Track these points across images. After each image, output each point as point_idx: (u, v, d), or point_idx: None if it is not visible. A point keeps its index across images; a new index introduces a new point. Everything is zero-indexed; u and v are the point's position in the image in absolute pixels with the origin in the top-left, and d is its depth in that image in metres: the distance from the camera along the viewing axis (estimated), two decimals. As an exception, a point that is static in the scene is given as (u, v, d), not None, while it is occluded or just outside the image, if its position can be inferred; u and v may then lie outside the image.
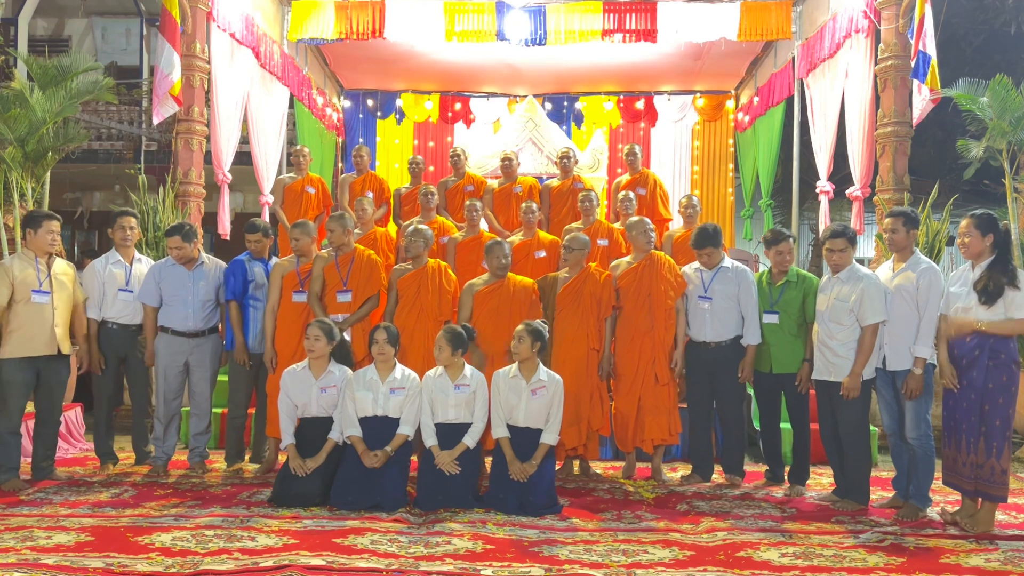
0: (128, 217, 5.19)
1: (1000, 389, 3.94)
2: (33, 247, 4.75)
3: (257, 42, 7.48)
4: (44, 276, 4.73)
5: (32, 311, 4.66)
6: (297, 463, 4.37)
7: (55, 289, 4.76)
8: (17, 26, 11.70)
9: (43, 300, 4.70)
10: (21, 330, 4.64)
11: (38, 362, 4.70)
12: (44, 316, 4.70)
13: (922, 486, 4.30)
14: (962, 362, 4.02)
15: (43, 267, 4.75)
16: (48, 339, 4.71)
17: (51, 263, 4.81)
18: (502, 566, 3.36)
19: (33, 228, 4.74)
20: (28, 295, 4.65)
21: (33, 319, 4.66)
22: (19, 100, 6.01)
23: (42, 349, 4.70)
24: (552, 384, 4.51)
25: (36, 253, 4.75)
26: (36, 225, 4.73)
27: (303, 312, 5.08)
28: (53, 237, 4.75)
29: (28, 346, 4.66)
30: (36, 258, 4.74)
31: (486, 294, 5.03)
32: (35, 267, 4.71)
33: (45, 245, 4.73)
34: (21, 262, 4.73)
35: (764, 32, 7.86)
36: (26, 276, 4.67)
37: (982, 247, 4.04)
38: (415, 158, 7.77)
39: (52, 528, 3.81)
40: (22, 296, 4.64)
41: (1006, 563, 3.52)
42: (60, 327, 4.77)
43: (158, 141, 11.71)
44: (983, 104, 6.25)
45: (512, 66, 9.69)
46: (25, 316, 4.64)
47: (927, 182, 7.42)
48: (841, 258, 4.45)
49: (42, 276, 4.72)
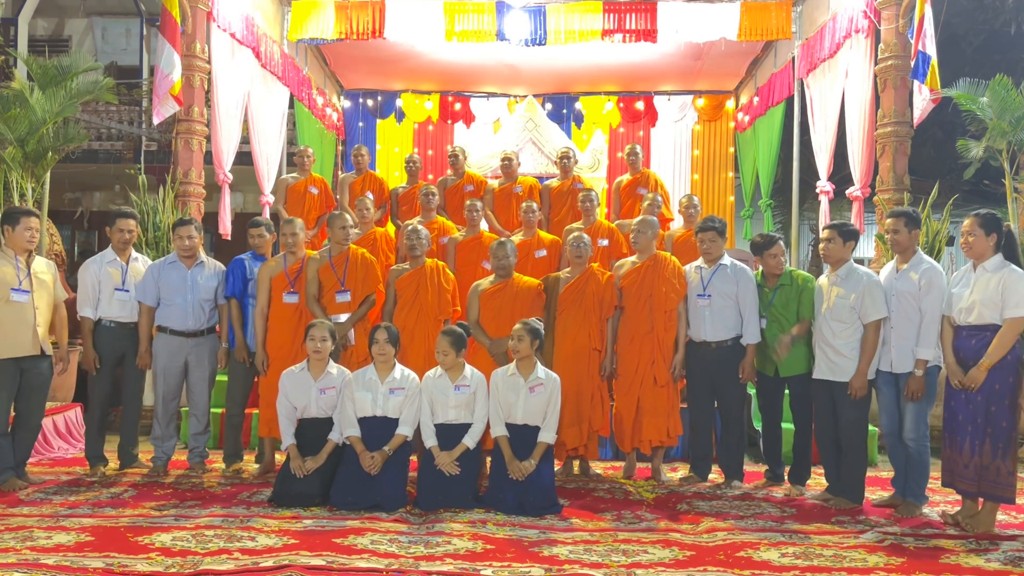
0: (127, 219, 5.10)
1: (1007, 390, 3.92)
2: (12, 244, 4.61)
3: (257, 42, 7.49)
4: (24, 275, 4.61)
5: (11, 310, 4.53)
6: (297, 464, 4.37)
7: (35, 288, 4.64)
8: (17, 26, 11.71)
9: (22, 299, 4.58)
10: (1, 329, 4.52)
11: (21, 363, 4.61)
12: (24, 315, 4.58)
13: (918, 485, 4.31)
14: (968, 363, 4.00)
15: (23, 265, 4.62)
16: (30, 339, 4.59)
17: (31, 261, 4.69)
18: (502, 566, 3.36)
19: (11, 225, 4.61)
20: (7, 294, 4.52)
21: (12, 318, 4.54)
22: (19, 100, 6.01)
23: (24, 349, 4.58)
24: (550, 382, 4.52)
25: (15, 251, 4.61)
26: (14, 222, 4.61)
27: (295, 313, 5.05)
28: (32, 234, 4.63)
29: (10, 346, 4.54)
30: (16, 256, 4.62)
31: (491, 294, 5.03)
32: (14, 265, 4.59)
33: (23, 242, 4.61)
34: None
35: (764, 32, 7.87)
36: (4, 274, 4.54)
37: (985, 246, 4.04)
38: (412, 157, 7.75)
39: (52, 528, 3.80)
40: (0, 295, 4.52)
41: (1006, 563, 3.51)
42: (42, 326, 4.65)
43: (158, 141, 11.71)
44: (983, 104, 6.25)
45: (512, 66, 9.70)
46: (4, 315, 4.51)
47: (927, 182, 7.42)
48: (828, 246, 4.54)
49: (21, 275, 4.60)
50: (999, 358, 3.89)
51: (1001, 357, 3.89)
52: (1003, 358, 3.90)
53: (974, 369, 3.94)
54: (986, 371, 3.91)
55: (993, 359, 3.89)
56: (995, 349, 3.89)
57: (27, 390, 4.68)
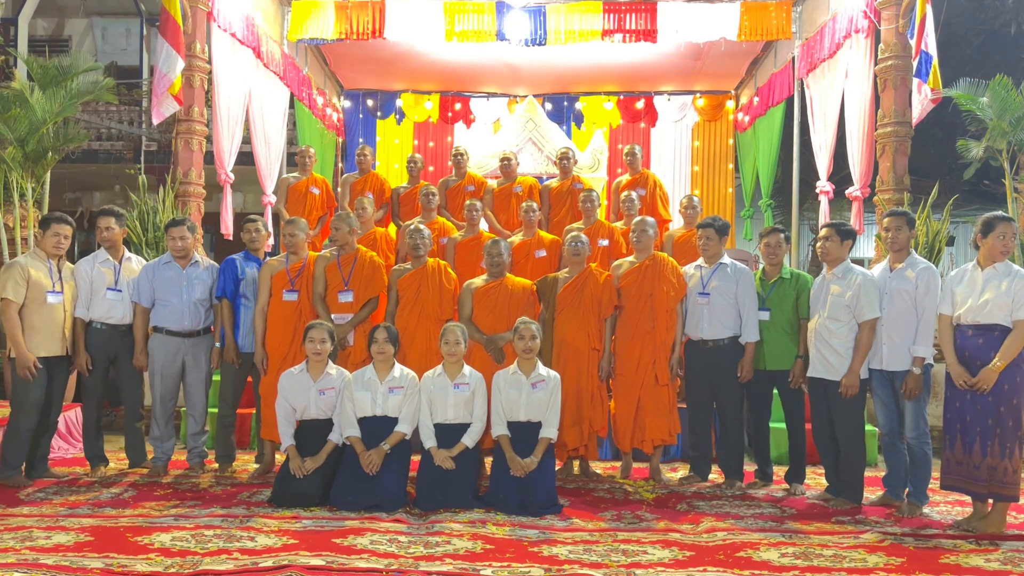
0: (107, 217, 5.04)
1: (1015, 390, 3.92)
2: (43, 248, 4.83)
3: (257, 42, 7.48)
4: (56, 277, 4.82)
5: (46, 312, 4.75)
6: (297, 464, 4.37)
7: (66, 290, 4.85)
8: (17, 26, 11.72)
9: (57, 300, 4.79)
10: (35, 330, 4.71)
11: (49, 362, 4.77)
12: (56, 317, 4.79)
13: (920, 485, 4.32)
14: (975, 363, 3.99)
15: (55, 267, 4.83)
16: (60, 340, 4.81)
17: (62, 264, 4.89)
18: (502, 566, 3.36)
19: (43, 229, 4.83)
20: (43, 296, 4.73)
21: (47, 319, 4.75)
22: (19, 100, 6.02)
23: (55, 349, 4.79)
24: (551, 379, 4.54)
25: (47, 254, 4.82)
26: (45, 227, 4.82)
27: (295, 311, 5.05)
28: (59, 240, 4.80)
29: (43, 346, 4.73)
30: (48, 259, 4.82)
31: (485, 292, 5.03)
32: (47, 268, 4.80)
33: (50, 247, 4.80)
34: (34, 261, 4.79)
35: (764, 32, 7.86)
36: (39, 277, 4.74)
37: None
38: (413, 157, 7.75)
39: (52, 528, 3.80)
40: (37, 296, 4.72)
41: (1006, 563, 3.51)
42: (67, 328, 4.86)
43: (158, 141, 11.72)
44: (983, 104, 6.25)
45: (512, 66, 9.69)
46: (39, 316, 4.72)
47: (927, 182, 7.42)
48: (826, 245, 4.57)
49: (54, 277, 4.81)
50: (1011, 359, 3.90)
51: (1013, 358, 3.90)
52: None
53: (986, 370, 3.93)
54: (999, 373, 3.91)
55: (1006, 360, 3.89)
56: (1007, 351, 3.89)
57: (53, 389, 4.83)
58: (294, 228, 5.20)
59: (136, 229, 6.33)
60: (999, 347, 3.92)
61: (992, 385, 3.92)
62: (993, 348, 3.94)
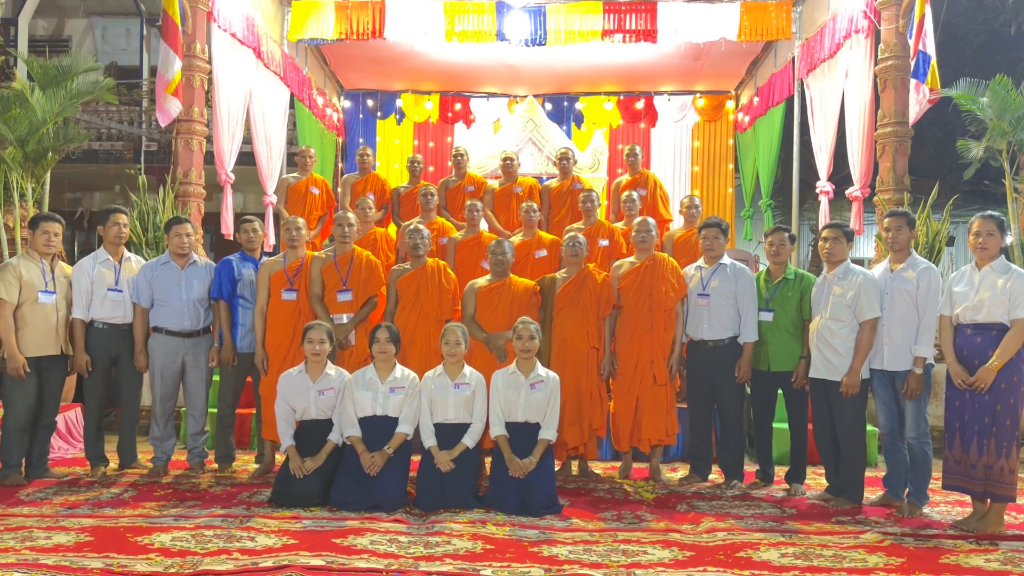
0: (120, 214, 5.10)
1: (1012, 389, 3.93)
2: (34, 247, 4.85)
3: (258, 42, 7.49)
4: (49, 276, 4.84)
5: (39, 311, 4.76)
6: (296, 464, 4.37)
7: (59, 290, 4.85)
8: (17, 26, 11.72)
9: (49, 300, 4.81)
10: (27, 329, 4.73)
11: (41, 362, 4.78)
12: (49, 316, 4.80)
13: (920, 485, 4.32)
14: (974, 362, 4.00)
15: (48, 267, 4.85)
16: (53, 339, 4.82)
17: (54, 264, 4.90)
18: (502, 566, 3.36)
19: (32, 229, 4.86)
20: (35, 296, 4.76)
21: (39, 319, 4.77)
22: (19, 100, 6.02)
23: (47, 348, 4.80)
24: (550, 380, 4.54)
25: (39, 254, 4.84)
26: (34, 227, 4.87)
27: (294, 311, 5.05)
28: (49, 238, 4.81)
29: (35, 346, 4.75)
30: (40, 259, 4.83)
31: (488, 291, 5.04)
32: (40, 268, 4.82)
33: (40, 246, 4.82)
34: (27, 262, 4.81)
35: (764, 32, 7.87)
36: (32, 277, 4.76)
37: (998, 247, 4.07)
38: (414, 157, 7.75)
39: (52, 528, 3.80)
40: (29, 296, 4.74)
41: (1006, 563, 3.51)
42: (62, 327, 4.87)
43: (158, 141, 11.72)
44: (983, 104, 6.25)
45: (512, 66, 9.69)
46: (32, 316, 4.74)
47: (927, 182, 7.43)
48: (833, 246, 4.54)
49: (47, 276, 4.82)
50: (1008, 358, 3.90)
51: (1010, 357, 3.90)
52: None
53: (983, 369, 3.94)
54: (996, 372, 3.91)
55: (1003, 359, 3.90)
56: (1004, 350, 3.90)
57: (45, 388, 4.84)
58: (292, 226, 5.20)
59: (136, 229, 6.32)
60: (997, 346, 3.92)
61: (990, 384, 3.92)
62: (991, 347, 3.94)
